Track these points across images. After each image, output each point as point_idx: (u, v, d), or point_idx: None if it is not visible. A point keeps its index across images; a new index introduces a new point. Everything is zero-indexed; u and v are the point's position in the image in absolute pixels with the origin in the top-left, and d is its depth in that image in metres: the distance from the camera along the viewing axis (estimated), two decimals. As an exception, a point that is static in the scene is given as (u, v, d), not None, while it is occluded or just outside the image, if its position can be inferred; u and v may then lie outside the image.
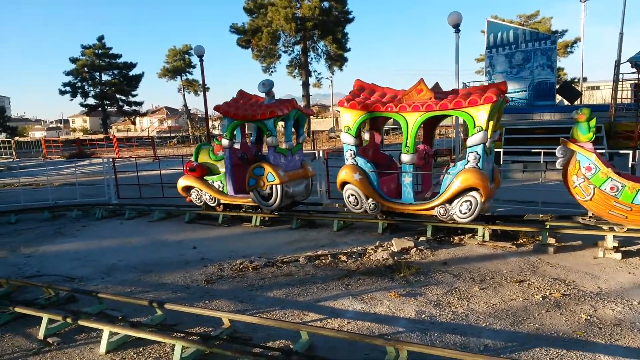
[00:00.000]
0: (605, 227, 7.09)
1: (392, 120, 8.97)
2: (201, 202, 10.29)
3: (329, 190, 11.60)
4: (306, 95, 39.00)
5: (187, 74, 56.25)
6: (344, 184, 8.74)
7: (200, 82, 56.02)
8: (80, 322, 4.71)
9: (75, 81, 50.80)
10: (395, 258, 6.73)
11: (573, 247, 7.17)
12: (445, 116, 8.72)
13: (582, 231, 7.25)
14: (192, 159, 10.53)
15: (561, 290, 5.45)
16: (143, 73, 53.68)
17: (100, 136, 43.85)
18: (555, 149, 7.31)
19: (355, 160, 8.68)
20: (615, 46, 21.58)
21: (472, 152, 7.61)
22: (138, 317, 4.99)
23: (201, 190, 10.17)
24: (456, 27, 10.31)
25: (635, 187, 6.60)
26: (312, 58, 39.08)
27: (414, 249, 7.15)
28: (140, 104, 57.15)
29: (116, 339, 4.48)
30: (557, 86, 21.17)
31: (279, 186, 9.15)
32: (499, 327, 4.61)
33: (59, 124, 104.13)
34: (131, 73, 52.94)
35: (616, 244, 6.75)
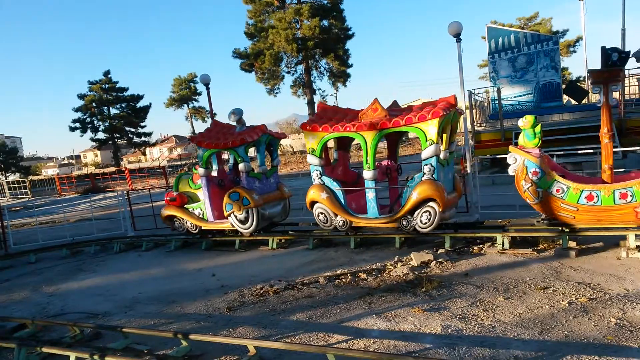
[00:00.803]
0: (626, 226, 7.00)
1: (408, 133, 9.14)
2: (184, 229, 10.66)
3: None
4: (312, 114, 39.24)
5: (194, 101, 57.09)
6: (313, 203, 9.14)
7: (207, 108, 56.53)
8: (107, 359, 4.72)
9: (85, 117, 51.67)
10: (416, 272, 6.69)
11: (595, 249, 7.08)
12: (404, 133, 8.84)
13: (602, 232, 7.16)
14: (173, 189, 10.90)
15: (587, 295, 5.37)
16: (150, 104, 54.51)
17: (113, 169, 44.35)
18: (568, 150, 7.36)
19: (322, 180, 9.06)
20: (619, 42, 21.55)
21: (426, 165, 7.99)
22: (164, 350, 5.00)
23: (183, 219, 10.57)
24: (457, 36, 10.34)
25: (579, 188, 6.94)
26: (315, 76, 39.44)
27: (434, 261, 7.10)
28: (149, 134, 57.90)
29: (144, 374, 4.49)
30: (563, 86, 21.10)
31: (254, 209, 9.51)
32: (527, 336, 4.55)
33: (70, 160, 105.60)
34: (139, 105, 53.75)
35: (639, 243, 6.65)
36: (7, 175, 54.88)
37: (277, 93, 39.64)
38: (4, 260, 11.06)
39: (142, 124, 54.87)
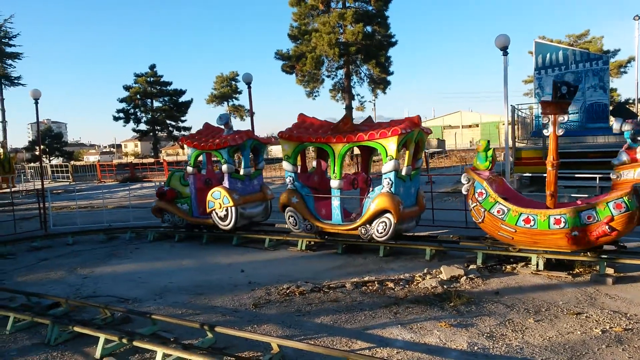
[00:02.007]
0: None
1: (435, 143, 9.22)
2: (172, 223, 11.32)
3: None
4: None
5: (234, 99, 57.92)
6: (284, 206, 9.71)
7: (246, 107, 57.25)
8: (135, 343, 4.85)
9: (129, 108, 53.11)
10: (445, 286, 6.60)
11: (634, 278, 6.82)
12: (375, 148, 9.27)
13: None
14: (165, 184, 11.57)
15: (622, 325, 5.18)
16: (192, 99, 55.50)
17: (151, 160, 45.45)
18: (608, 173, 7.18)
19: (294, 185, 9.67)
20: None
21: (386, 179, 8.53)
22: (189, 339, 5.09)
23: (171, 213, 11.21)
24: (504, 49, 10.19)
25: (517, 211, 7.39)
26: (355, 82, 39.37)
27: (464, 277, 6.98)
28: (188, 129, 58.98)
29: (169, 361, 4.58)
30: (611, 108, 20.42)
31: (233, 208, 10.15)
32: (556, 361, 4.42)
33: (112, 149, 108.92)
34: (181, 99, 54.90)
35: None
36: (51, 159, 56.99)
37: (315, 96, 39.78)
38: (44, 240, 11.49)
39: (182, 118, 55.98)
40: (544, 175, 7.68)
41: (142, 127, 54.38)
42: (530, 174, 13.49)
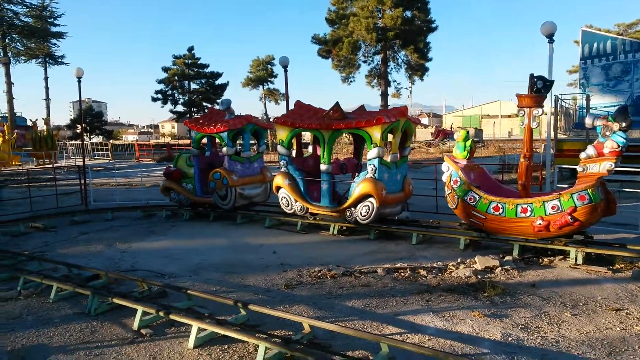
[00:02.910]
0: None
1: (472, 132, 9.14)
2: (178, 201, 11.90)
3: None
4: (384, 106, 38.73)
5: (269, 83, 58.09)
6: (278, 188, 10.22)
7: (280, 90, 57.26)
8: (172, 317, 4.99)
9: (167, 89, 54.00)
10: (479, 276, 6.50)
11: (679, 276, 6.55)
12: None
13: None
14: (173, 164, 12.09)
15: (666, 323, 4.99)
16: (228, 82, 55.93)
17: (187, 141, 46.27)
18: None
19: (287, 169, 10.16)
20: None
21: (370, 165, 8.96)
22: (223, 316, 5.19)
23: (177, 192, 11.76)
24: (550, 37, 9.81)
25: (488, 199, 7.80)
26: (391, 68, 38.88)
27: (499, 268, 6.86)
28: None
29: (203, 335, 4.69)
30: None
31: (232, 188, 10.80)
32: (593, 356, 4.31)
33: (149, 129, 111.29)
34: (217, 82, 55.44)
35: None
36: (92, 137, 58.72)
37: (351, 82, 39.53)
38: (84, 214, 11.90)
39: (218, 100, 56.58)
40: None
41: (179, 108, 55.24)
42: (571, 166, 13.07)
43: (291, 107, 11.26)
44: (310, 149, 11.11)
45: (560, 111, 16.04)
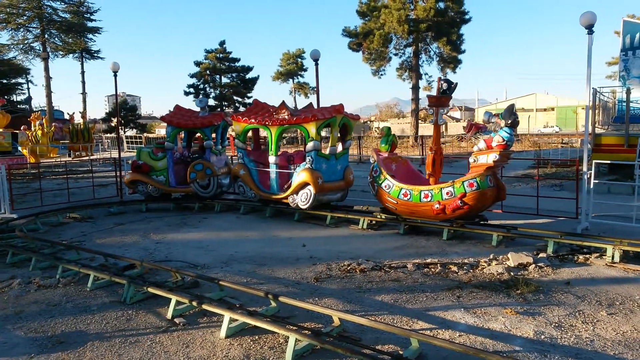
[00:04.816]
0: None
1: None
2: (146, 193, 12.39)
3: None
4: (415, 99, 38.28)
5: (299, 76, 58.18)
6: (235, 177, 11.54)
7: (310, 84, 57.19)
8: (204, 306, 5.09)
9: (198, 83, 54.77)
10: (512, 273, 6.39)
11: None
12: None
13: None
14: (136, 159, 12.58)
15: None
16: (258, 76, 56.28)
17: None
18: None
19: (243, 160, 11.45)
20: None
21: (308, 156, 10.19)
22: (254, 307, 5.27)
23: (146, 184, 12.29)
24: (589, 28, 9.46)
25: (399, 186, 8.93)
26: (423, 60, 38.26)
27: (533, 265, 6.72)
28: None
29: (235, 325, 4.78)
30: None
31: (215, 178, 12.02)
32: (630, 357, 4.19)
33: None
34: (248, 76, 55.87)
35: None
36: (126, 130, 60.11)
37: (382, 75, 39.08)
38: (119, 206, 12.22)
39: (248, 94, 57.09)
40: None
41: (211, 102, 55.92)
42: (609, 162, 12.66)
43: (322, 100, 11.58)
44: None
45: (598, 105, 15.52)
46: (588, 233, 8.34)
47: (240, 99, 56.57)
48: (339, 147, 10.86)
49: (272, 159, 10.87)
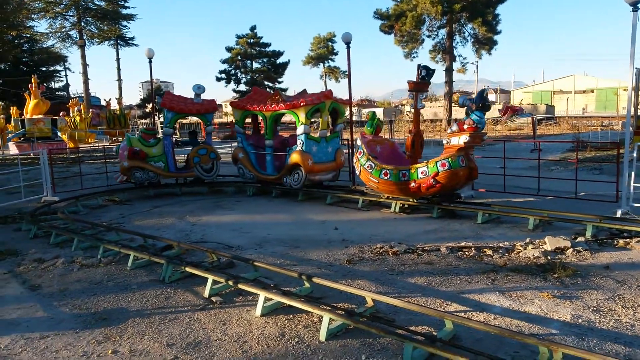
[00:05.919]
0: None
1: (542, 109, 8.89)
2: (142, 180, 12.29)
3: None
4: (448, 82, 37.54)
5: (330, 60, 57.88)
6: (235, 160, 12.35)
7: (341, 68, 56.78)
8: (240, 286, 5.20)
9: (230, 69, 55.17)
10: (549, 257, 6.28)
11: None
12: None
13: None
14: (128, 146, 12.22)
15: None
16: (289, 61, 56.24)
17: (249, 120, 47.24)
18: None
19: (242, 144, 12.21)
20: None
21: (299, 140, 10.92)
22: (287, 287, 5.36)
23: (143, 170, 12.20)
24: (634, 5, 9.05)
25: (380, 166, 9.47)
26: (457, 42, 37.37)
27: (571, 249, 6.58)
28: (285, 90, 60.23)
29: (270, 304, 4.87)
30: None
31: (217, 162, 12.72)
32: (673, 344, 4.08)
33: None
34: (278, 61, 55.92)
35: None
36: (160, 116, 61.24)
37: (414, 57, 38.41)
38: (155, 189, 12.51)
39: (279, 79, 57.23)
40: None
41: (242, 87, 56.32)
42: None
43: (353, 84, 11.62)
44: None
45: (642, 85, 14.86)
46: (628, 217, 8.10)
47: (271, 84, 56.72)
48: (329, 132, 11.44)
49: (268, 142, 11.66)
